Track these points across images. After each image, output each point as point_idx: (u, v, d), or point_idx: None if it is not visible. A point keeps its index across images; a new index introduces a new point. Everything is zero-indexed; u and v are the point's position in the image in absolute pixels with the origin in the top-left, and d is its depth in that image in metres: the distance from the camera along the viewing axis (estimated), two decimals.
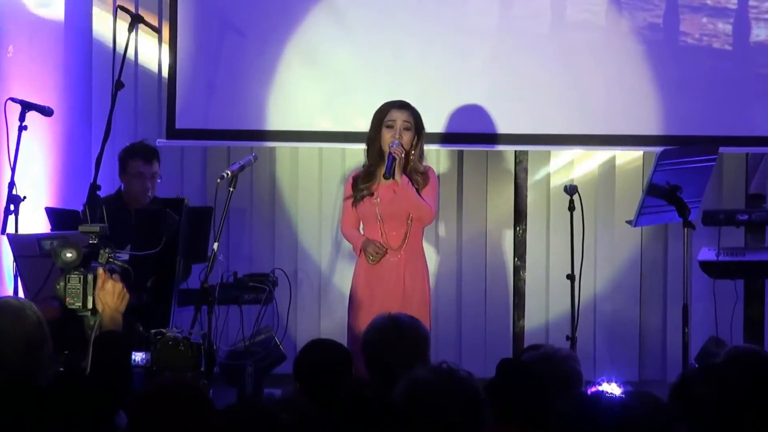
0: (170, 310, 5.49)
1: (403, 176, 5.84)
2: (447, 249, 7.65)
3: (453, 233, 7.66)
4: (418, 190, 5.88)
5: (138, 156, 6.57)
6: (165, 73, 7.39)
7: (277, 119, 7.24)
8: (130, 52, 6.98)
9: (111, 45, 6.64)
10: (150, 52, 7.61)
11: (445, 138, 7.13)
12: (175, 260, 5.46)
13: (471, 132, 7.17)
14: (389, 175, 5.79)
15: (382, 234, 5.90)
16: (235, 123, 7.24)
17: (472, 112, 7.10)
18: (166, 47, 7.35)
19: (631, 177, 7.55)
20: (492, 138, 7.15)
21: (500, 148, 7.35)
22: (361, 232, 6.01)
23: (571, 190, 6.18)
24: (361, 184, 5.94)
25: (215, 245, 5.70)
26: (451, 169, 7.66)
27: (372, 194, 5.92)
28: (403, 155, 5.83)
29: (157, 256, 5.20)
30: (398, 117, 5.89)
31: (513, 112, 7.13)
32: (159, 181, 6.64)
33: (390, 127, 5.88)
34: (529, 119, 7.13)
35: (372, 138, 5.94)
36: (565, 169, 7.61)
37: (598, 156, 7.58)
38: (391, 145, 5.82)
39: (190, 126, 7.26)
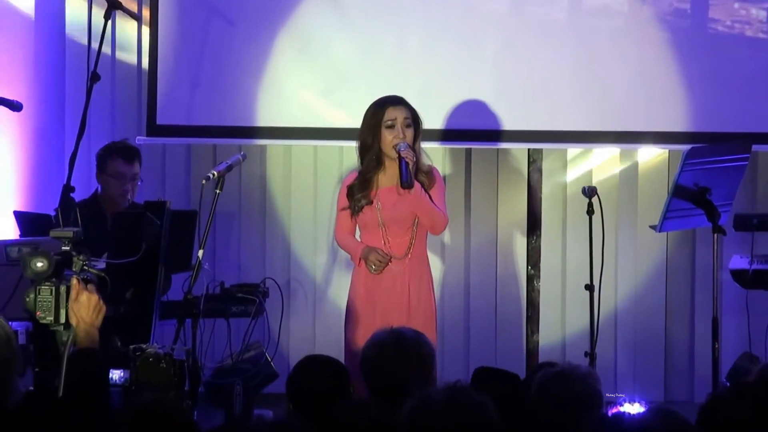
0: (151, 323, 5.49)
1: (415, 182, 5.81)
2: (454, 257, 7.64)
3: (460, 240, 7.66)
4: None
5: (118, 155, 6.58)
6: (145, 64, 7.39)
7: (267, 114, 7.24)
8: (107, 42, 6.97)
9: (86, 33, 6.64)
10: (128, 41, 7.62)
11: (451, 135, 7.13)
12: (157, 269, 5.45)
13: (480, 129, 7.17)
14: (408, 184, 5.73)
15: (384, 241, 5.88)
16: (221, 119, 7.24)
17: (480, 106, 7.10)
18: (146, 36, 7.35)
19: (655, 178, 7.55)
20: (503, 135, 7.15)
21: (512, 146, 7.35)
22: (358, 239, 5.99)
23: (589, 192, 6.18)
24: (357, 193, 5.89)
25: (200, 252, 5.70)
26: (457, 170, 7.66)
27: (371, 202, 5.89)
28: (414, 158, 5.79)
29: (136, 264, 5.21)
30: (398, 114, 5.84)
31: (526, 106, 7.13)
32: (139, 184, 6.65)
33: (390, 127, 5.83)
34: (544, 114, 7.13)
35: (368, 142, 5.88)
36: (583, 169, 7.62)
37: (619, 155, 7.58)
38: (400, 149, 5.75)
39: (173, 122, 7.26)
